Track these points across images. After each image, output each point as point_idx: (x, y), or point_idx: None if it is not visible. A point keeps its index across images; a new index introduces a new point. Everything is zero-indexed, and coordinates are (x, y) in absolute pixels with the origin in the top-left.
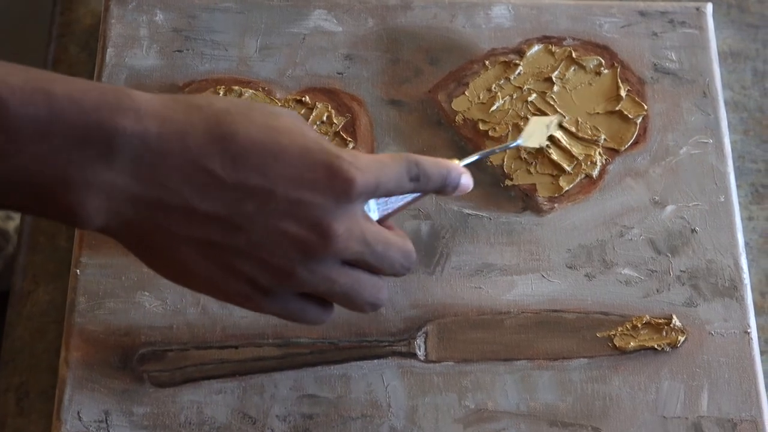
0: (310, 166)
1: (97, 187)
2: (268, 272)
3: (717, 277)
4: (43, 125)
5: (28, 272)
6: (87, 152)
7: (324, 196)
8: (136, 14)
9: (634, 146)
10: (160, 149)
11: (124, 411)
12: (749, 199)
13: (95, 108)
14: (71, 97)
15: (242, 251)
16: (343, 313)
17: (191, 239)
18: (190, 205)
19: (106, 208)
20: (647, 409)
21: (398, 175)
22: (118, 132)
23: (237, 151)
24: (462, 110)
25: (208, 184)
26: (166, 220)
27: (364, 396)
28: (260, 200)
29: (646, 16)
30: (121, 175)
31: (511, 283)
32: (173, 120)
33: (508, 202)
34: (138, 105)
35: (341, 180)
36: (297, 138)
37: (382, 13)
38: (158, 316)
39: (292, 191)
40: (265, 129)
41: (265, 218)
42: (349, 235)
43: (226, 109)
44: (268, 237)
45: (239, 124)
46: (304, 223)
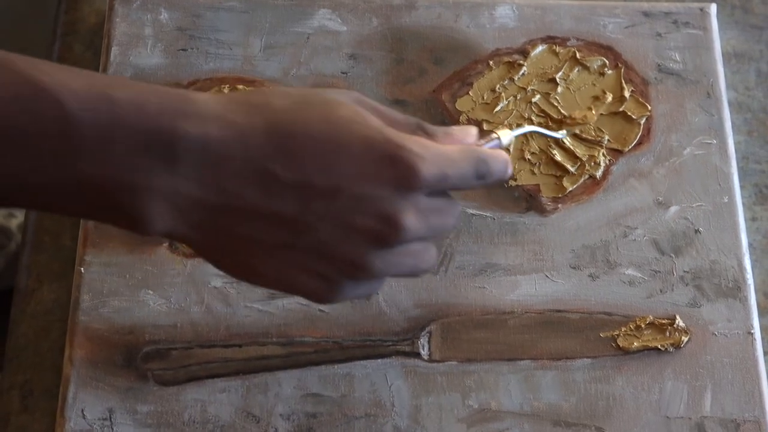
0: (372, 158)
1: (161, 192)
2: (339, 267)
3: (720, 278)
4: (105, 131)
5: (33, 271)
6: (150, 158)
7: (389, 189)
8: (141, 13)
9: (638, 147)
10: (221, 153)
11: (128, 409)
12: (753, 199)
13: (157, 113)
14: (133, 102)
15: (312, 250)
16: (347, 313)
17: (258, 241)
18: (255, 207)
19: (169, 213)
20: (650, 409)
21: (466, 171)
22: (180, 137)
23: (298, 151)
24: (466, 110)
25: (271, 186)
26: (231, 224)
27: (367, 395)
28: (326, 198)
29: (650, 16)
30: (184, 180)
31: (514, 283)
32: (234, 122)
33: (511, 203)
34: (198, 108)
35: (405, 170)
36: (358, 129)
37: (386, 13)
38: (162, 314)
39: (357, 186)
40: (325, 124)
41: (333, 215)
42: (416, 222)
43: (284, 107)
44: (337, 233)
45: (298, 122)
46: (372, 216)
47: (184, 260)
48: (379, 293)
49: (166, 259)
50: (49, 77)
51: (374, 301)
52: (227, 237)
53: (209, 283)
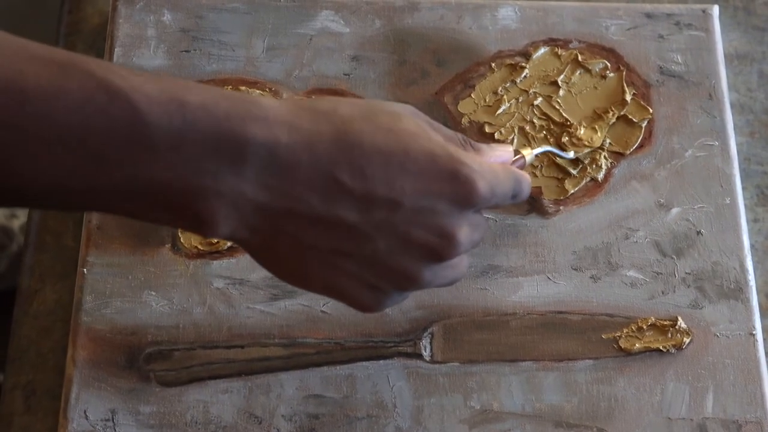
0: (436, 173)
1: (227, 196)
2: (392, 278)
3: (722, 279)
4: (176, 135)
5: (35, 271)
6: (218, 161)
7: (449, 204)
8: (144, 14)
9: (640, 149)
10: (288, 159)
11: (131, 410)
12: (755, 201)
13: (226, 117)
14: (204, 105)
15: (367, 259)
16: (349, 314)
17: (318, 248)
18: (318, 214)
19: (234, 216)
20: (652, 410)
21: (507, 191)
22: (248, 141)
23: (364, 160)
24: (468, 113)
25: (336, 193)
26: (294, 229)
27: (369, 396)
28: (387, 209)
29: (653, 18)
30: (251, 184)
31: (516, 285)
32: (301, 128)
33: (513, 205)
34: (266, 113)
35: (466, 188)
36: (423, 143)
37: (389, 14)
38: (165, 315)
39: (419, 200)
40: (391, 135)
41: (393, 227)
42: (467, 239)
43: (351, 115)
44: (394, 245)
45: (365, 132)
46: (430, 230)
47: (187, 261)
48: None
49: (169, 260)
50: (123, 80)
51: None
52: (287, 243)
53: (211, 284)
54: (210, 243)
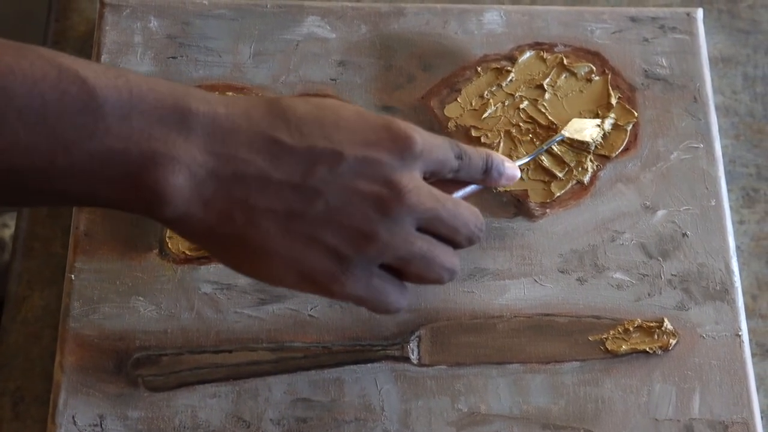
0: (370, 127)
1: (181, 160)
2: (349, 237)
3: (708, 281)
4: (125, 105)
5: (23, 278)
6: (166, 129)
7: (389, 153)
8: (131, 21)
9: (625, 152)
10: (229, 126)
11: (119, 415)
12: (740, 203)
13: (169, 93)
14: (146, 82)
15: (321, 218)
16: (337, 318)
17: (271, 211)
18: (265, 174)
19: (189, 185)
20: (639, 411)
21: (444, 149)
22: (191, 112)
23: (300, 120)
24: (455, 117)
25: (278, 152)
26: (245, 193)
27: (357, 400)
28: (330, 162)
29: (637, 21)
30: (199, 150)
31: (503, 288)
32: (236, 102)
33: (500, 208)
34: (204, 95)
35: (402, 137)
36: (350, 107)
37: (375, 20)
38: (153, 320)
39: (359, 150)
40: (319, 104)
41: (338, 179)
42: (419, 191)
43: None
44: (343, 198)
45: (295, 102)
46: (375, 180)
47: (174, 267)
48: None
49: (156, 266)
50: (71, 60)
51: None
52: (240, 211)
53: (199, 290)
54: (198, 249)
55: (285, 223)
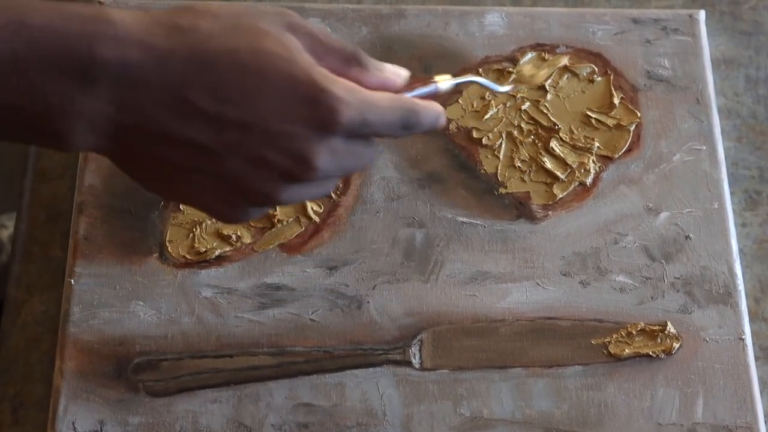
0: (293, 97)
1: (79, 114)
2: (246, 196)
3: (711, 284)
4: (21, 59)
5: (23, 282)
6: (67, 82)
7: (305, 129)
8: None
9: (628, 153)
10: (139, 77)
11: (120, 421)
12: (743, 205)
13: (73, 38)
14: (48, 27)
15: (221, 178)
16: (338, 322)
17: (171, 163)
18: (169, 131)
19: (88, 131)
20: (642, 416)
21: (390, 122)
22: (96, 61)
23: (218, 82)
24: (456, 118)
25: (187, 112)
26: (146, 143)
27: (359, 404)
28: (239, 132)
29: (639, 23)
30: (103, 102)
31: (505, 291)
32: (154, 46)
33: (502, 210)
34: (117, 31)
35: (325, 113)
36: (283, 66)
37: (375, 22)
38: (153, 325)
39: (273, 123)
40: (249, 56)
41: (245, 148)
42: (328, 164)
43: (211, 31)
44: (247, 166)
45: (223, 51)
46: (284, 152)
47: (174, 271)
48: (370, 302)
49: (156, 270)
50: None
51: (365, 310)
52: (142, 154)
53: (200, 294)
54: (198, 252)
55: (184, 174)
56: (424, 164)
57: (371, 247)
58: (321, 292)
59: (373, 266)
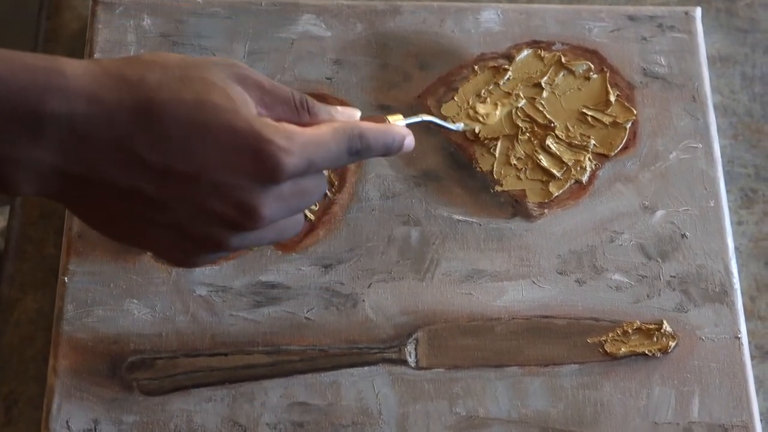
0: (236, 149)
1: (26, 163)
2: (197, 244)
3: (707, 282)
4: None
5: (16, 280)
6: (15, 131)
7: (250, 180)
8: (124, 19)
9: (624, 151)
10: (86, 130)
11: (114, 419)
12: (739, 203)
13: (24, 89)
14: (3, 77)
15: (170, 227)
16: (334, 321)
17: (119, 211)
18: (116, 183)
19: (35, 180)
20: (638, 415)
21: (337, 154)
22: (45, 114)
23: (163, 134)
24: (451, 115)
25: (133, 164)
26: (95, 194)
27: (354, 403)
28: (185, 183)
29: (635, 20)
30: (50, 153)
31: (501, 289)
32: (101, 99)
33: (497, 208)
34: (68, 84)
35: (268, 165)
36: (226, 118)
37: (370, 18)
38: (147, 323)
39: (217, 175)
40: (194, 108)
41: (192, 199)
42: (276, 210)
43: (158, 83)
44: (194, 215)
45: (168, 103)
46: (229, 203)
47: (169, 269)
48: (366, 300)
49: (151, 268)
50: None
51: (360, 309)
52: (90, 204)
53: (194, 292)
54: None
55: (134, 222)
56: (420, 162)
57: (366, 245)
58: (316, 291)
59: (368, 264)
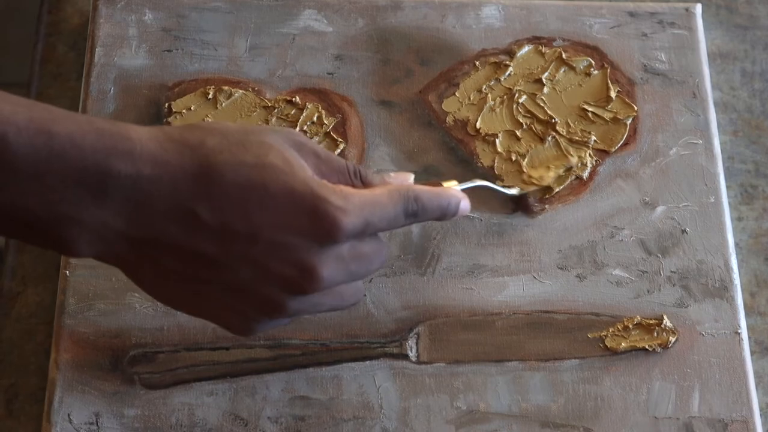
0: (295, 210)
1: (89, 225)
2: (255, 306)
3: (707, 278)
4: (42, 164)
5: (17, 273)
6: (81, 192)
7: (308, 240)
8: (125, 14)
9: (624, 147)
10: (150, 192)
11: (115, 413)
12: (739, 199)
13: (93, 149)
14: (71, 138)
15: (229, 288)
16: (335, 315)
17: (180, 274)
18: (177, 244)
19: (95, 242)
20: (638, 409)
21: (393, 215)
22: (112, 175)
23: (223, 196)
24: (452, 111)
25: (194, 226)
26: (156, 257)
27: (356, 397)
28: (245, 243)
29: (636, 16)
30: (113, 214)
31: (502, 284)
32: (165, 162)
33: (499, 204)
34: (132, 147)
35: (326, 225)
36: (285, 179)
37: (372, 14)
38: (149, 317)
39: (277, 235)
40: (255, 170)
41: (252, 259)
42: (335, 273)
43: (218, 148)
44: (254, 276)
45: (228, 165)
46: (289, 263)
47: None
48: (367, 295)
49: None
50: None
51: (362, 303)
52: (150, 267)
53: None
54: None
55: (193, 285)
56: (421, 157)
57: None
58: None
59: None
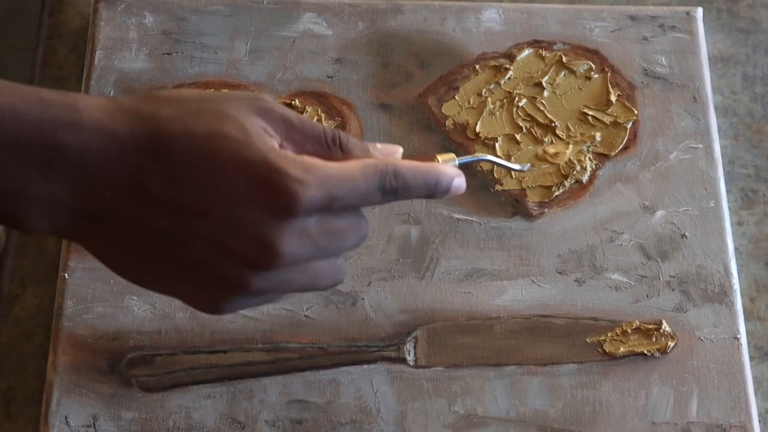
0: (248, 182)
1: (38, 199)
2: (218, 284)
3: (707, 283)
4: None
5: (16, 276)
6: (27, 165)
7: (264, 213)
8: (125, 17)
9: (624, 151)
10: (98, 164)
11: (113, 416)
12: (739, 204)
13: (37, 122)
14: (14, 109)
15: (187, 264)
16: (333, 319)
17: (138, 250)
18: (128, 219)
19: (49, 217)
20: (637, 414)
21: (365, 190)
22: (58, 147)
23: (171, 167)
24: (452, 115)
25: (144, 199)
26: (111, 232)
27: (353, 401)
28: (197, 218)
29: (637, 20)
30: (61, 188)
31: (500, 289)
32: (113, 132)
33: (498, 207)
34: (80, 118)
35: (282, 198)
36: (237, 149)
37: (372, 17)
38: (147, 320)
39: (230, 209)
40: (204, 139)
41: (206, 235)
42: (297, 247)
43: (171, 117)
44: (210, 252)
45: (177, 136)
46: (244, 239)
47: None
48: (365, 298)
49: None
50: None
51: (360, 307)
52: (106, 242)
53: None
54: None
55: (151, 261)
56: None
57: (366, 244)
58: None
59: (368, 263)
